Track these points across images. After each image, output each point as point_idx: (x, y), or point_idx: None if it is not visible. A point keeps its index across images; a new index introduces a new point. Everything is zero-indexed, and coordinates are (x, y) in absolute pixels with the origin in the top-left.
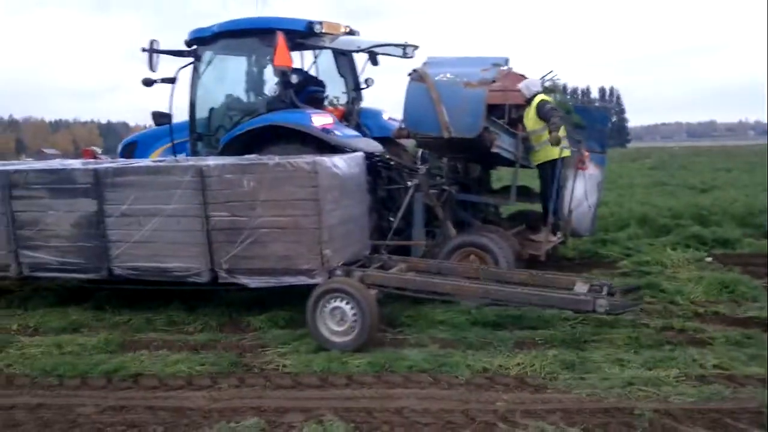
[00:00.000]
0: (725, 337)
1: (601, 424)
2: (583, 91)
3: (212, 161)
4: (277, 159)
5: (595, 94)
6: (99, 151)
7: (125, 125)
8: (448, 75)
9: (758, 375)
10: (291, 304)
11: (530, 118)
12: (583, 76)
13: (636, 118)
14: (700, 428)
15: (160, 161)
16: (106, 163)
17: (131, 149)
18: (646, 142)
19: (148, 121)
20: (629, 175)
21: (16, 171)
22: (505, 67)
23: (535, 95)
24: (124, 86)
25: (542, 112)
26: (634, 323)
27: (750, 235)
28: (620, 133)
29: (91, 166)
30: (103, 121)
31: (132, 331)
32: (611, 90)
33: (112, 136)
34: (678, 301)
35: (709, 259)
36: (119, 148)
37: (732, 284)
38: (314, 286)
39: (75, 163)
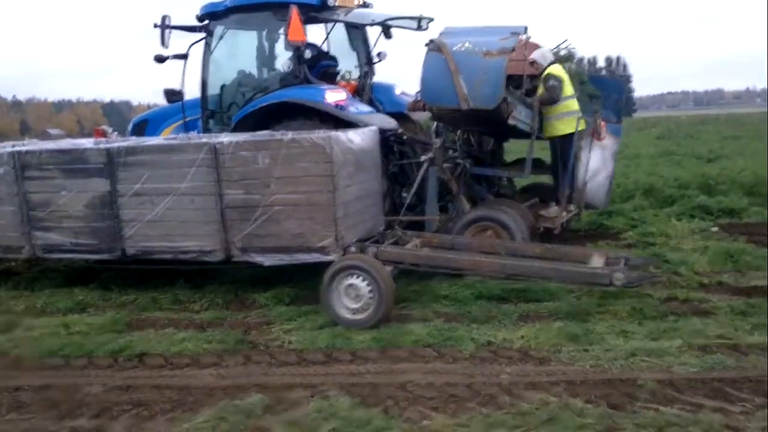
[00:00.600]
0: (729, 306)
1: (604, 395)
2: (589, 60)
3: (226, 138)
4: (291, 135)
5: (601, 63)
6: (110, 130)
7: (128, 104)
8: (467, 44)
9: (761, 344)
10: (296, 280)
11: (541, 89)
12: (590, 45)
13: (642, 88)
14: (702, 397)
15: (172, 139)
16: (117, 142)
17: (142, 127)
18: (652, 111)
19: (153, 99)
20: (635, 145)
21: (29, 152)
22: (524, 36)
23: (550, 65)
24: (127, 64)
25: (545, 87)
26: (638, 294)
27: (756, 204)
28: (627, 102)
29: (103, 146)
30: (106, 100)
31: (138, 310)
32: (618, 59)
33: (116, 115)
34: (682, 272)
35: (715, 228)
36: (129, 126)
37: (737, 254)
38: (328, 263)
39: (87, 143)
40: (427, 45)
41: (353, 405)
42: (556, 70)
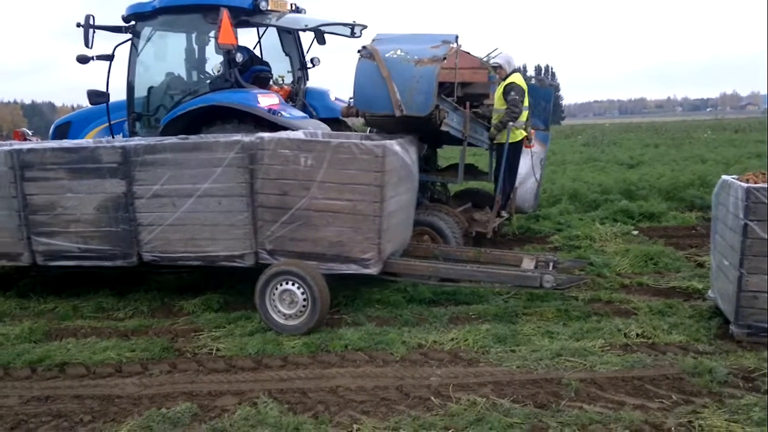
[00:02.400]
0: (649, 307)
1: (530, 395)
2: (519, 69)
3: (267, 136)
4: (341, 138)
5: (531, 71)
6: (30, 132)
7: (51, 105)
8: (399, 52)
9: (678, 343)
10: (224, 287)
11: (498, 95)
12: (519, 54)
13: (570, 96)
14: (624, 395)
15: (126, 141)
16: (135, 141)
17: (65, 130)
18: (579, 119)
19: (77, 101)
20: (562, 152)
21: (30, 150)
22: (455, 45)
23: (513, 72)
24: (51, 65)
25: (505, 97)
26: (563, 296)
27: (675, 209)
28: (555, 110)
29: (118, 144)
30: (27, 101)
31: (58, 318)
32: (546, 67)
33: (38, 117)
34: (605, 274)
35: (636, 232)
36: (52, 128)
37: (656, 256)
38: (263, 268)
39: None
40: (359, 51)
41: (282, 411)
42: (519, 80)
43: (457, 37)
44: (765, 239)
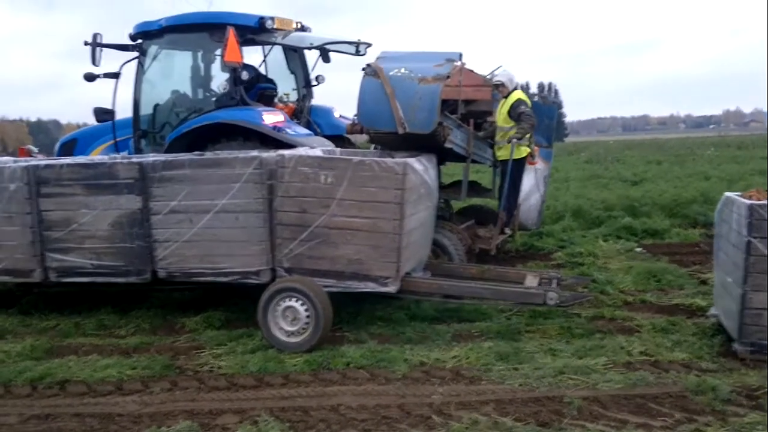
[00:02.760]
0: (652, 324)
1: (533, 413)
2: (522, 87)
3: (288, 153)
4: (361, 156)
5: (534, 89)
6: (36, 149)
7: (57, 123)
8: (403, 70)
9: (681, 360)
10: (227, 304)
11: (502, 113)
12: (522, 71)
13: (573, 113)
14: (626, 413)
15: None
16: (153, 157)
17: (70, 147)
18: (583, 136)
19: (83, 119)
20: (565, 168)
21: (47, 166)
22: (459, 63)
23: (514, 90)
24: (57, 84)
25: (514, 113)
26: (566, 313)
27: (678, 225)
28: (558, 127)
29: (135, 160)
30: (33, 119)
31: (60, 336)
32: (549, 85)
33: (43, 135)
34: (608, 291)
35: (639, 249)
36: (57, 146)
37: (659, 273)
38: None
39: (8, 161)
40: (364, 69)
41: (283, 429)
42: (523, 96)
43: (461, 55)
44: None
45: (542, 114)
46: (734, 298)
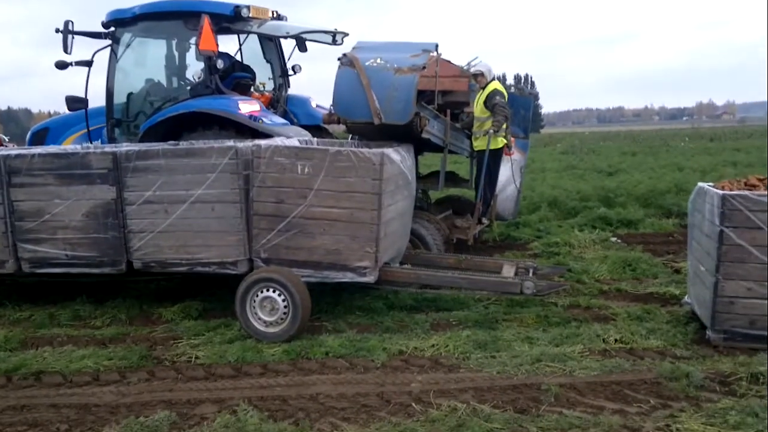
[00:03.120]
0: (627, 312)
1: (510, 400)
2: (499, 78)
3: (264, 143)
4: (338, 147)
5: (510, 80)
6: (6, 138)
7: (28, 112)
8: (379, 60)
9: (656, 348)
10: (204, 294)
11: (480, 104)
12: (498, 63)
13: (549, 105)
14: (603, 399)
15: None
16: (126, 146)
17: (42, 136)
18: (558, 127)
19: (54, 108)
20: (541, 159)
21: (18, 156)
22: (435, 53)
23: (492, 80)
24: (28, 72)
25: (489, 104)
26: (543, 302)
27: (652, 216)
28: (534, 118)
29: (108, 149)
30: (3, 107)
31: (34, 327)
32: (526, 76)
33: (14, 124)
34: (584, 280)
35: (614, 239)
36: (29, 135)
37: (634, 263)
38: (243, 275)
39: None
40: (339, 59)
41: (262, 418)
42: (500, 86)
43: (437, 45)
44: (740, 245)
45: (518, 105)
46: (707, 286)
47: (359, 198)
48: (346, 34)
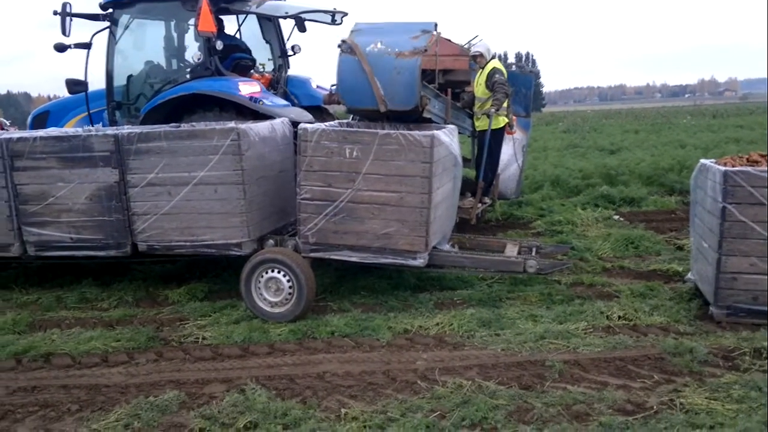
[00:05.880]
0: (630, 290)
1: (515, 377)
2: (500, 56)
3: (311, 126)
4: (387, 129)
5: (511, 59)
6: (8, 122)
7: (27, 96)
8: (380, 45)
9: (659, 324)
10: (209, 276)
11: (480, 83)
12: (500, 41)
13: (550, 83)
14: (606, 375)
15: (119, 129)
16: (128, 129)
17: (43, 119)
18: (560, 106)
19: (54, 91)
20: (543, 138)
21: (20, 139)
22: (434, 33)
23: (491, 59)
24: (27, 56)
25: (489, 82)
26: (547, 280)
27: (654, 193)
28: (535, 97)
29: (110, 132)
30: (3, 91)
31: (42, 310)
32: (527, 55)
33: (13, 108)
34: (587, 258)
35: (617, 217)
36: (29, 118)
37: (637, 240)
38: (247, 256)
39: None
40: (339, 46)
41: (270, 397)
42: (500, 65)
43: (436, 24)
44: (743, 222)
45: (519, 84)
46: (710, 262)
47: (409, 181)
48: (346, 14)
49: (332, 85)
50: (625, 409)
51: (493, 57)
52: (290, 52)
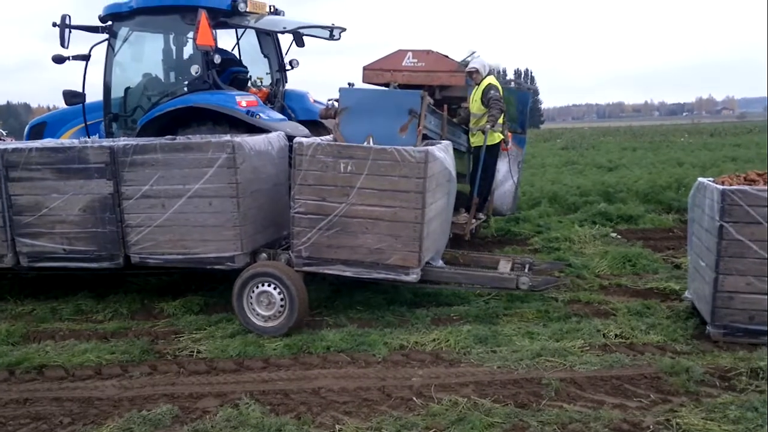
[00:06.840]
0: (627, 308)
1: (511, 394)
2: (499, 72)
3: (306, 141)
4: (381, 145)
5: (510, 75)
6: (5, 133)
7: (27, 106)
8: (371, 140)
9: (656, 343)
10: (205, 289)
11: (476, 100)
12: (498, 57)
13: (549, 100)
14: (603, 394)
15: (114, 141)
16: (124, 141)
17: (40, 130)
18: (558, 123)
19: (53, 102)
20: (541, 155)
21: (15, 150)
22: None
23: (487, 76)
24: (27, 67)
25: (485, 98)
26: (543, 297)
27: (652, 211)
28: (534, 114)
29: (106, 144)
30: (2, 102)
31: (36, 321)
32: (526, 71)
33: (13, 119)
34: (584, 275)
35: (614, 234)
36: (26, 129)
37: (634, 258)
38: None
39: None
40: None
41: (264, 412)
42: (495, 81)
43: (423, 96)
44: (740, 240)
45: (517, 100)
46: (707, 281)
47: (402, 197)
48: (344, 29)
49: (329, 100)
50: (621, 428)
51: (489, 73)
52: (288, 67)
